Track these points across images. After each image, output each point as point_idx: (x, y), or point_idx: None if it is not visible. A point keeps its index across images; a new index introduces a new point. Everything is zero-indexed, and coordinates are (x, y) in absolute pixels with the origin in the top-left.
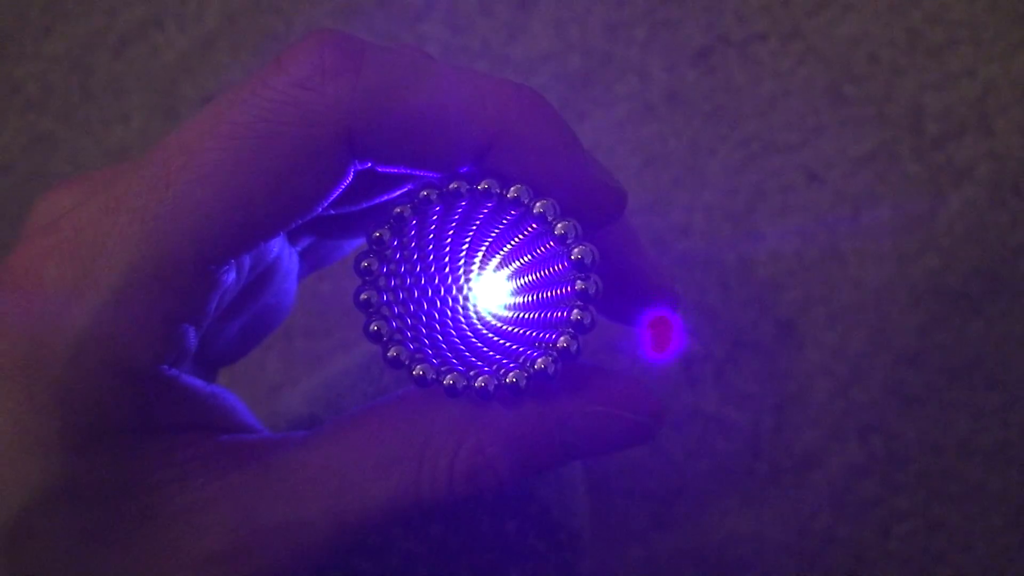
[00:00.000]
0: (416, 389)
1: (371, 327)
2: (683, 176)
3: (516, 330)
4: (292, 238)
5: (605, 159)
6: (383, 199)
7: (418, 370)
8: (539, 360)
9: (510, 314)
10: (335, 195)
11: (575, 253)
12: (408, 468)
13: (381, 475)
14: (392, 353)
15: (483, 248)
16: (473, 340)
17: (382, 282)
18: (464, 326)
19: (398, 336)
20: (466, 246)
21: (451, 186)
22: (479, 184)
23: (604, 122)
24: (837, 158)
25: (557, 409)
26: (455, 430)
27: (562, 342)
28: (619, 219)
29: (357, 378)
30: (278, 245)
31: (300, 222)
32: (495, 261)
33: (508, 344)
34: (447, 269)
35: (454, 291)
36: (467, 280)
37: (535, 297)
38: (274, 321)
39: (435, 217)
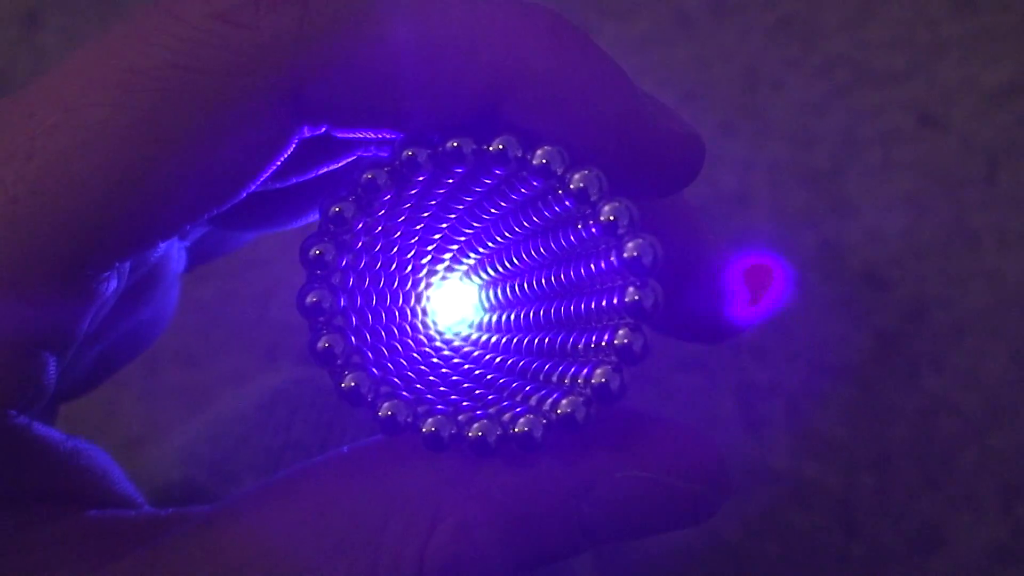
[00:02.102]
0: (380, 439)
1: (320, 343)
2: (735, 120)
3: (523, 358)
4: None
5: None
6: (325, 169)
7: (386, 409)
8: (564, 402)
9: (517, 335)
10: (269, 172)
11: (630, 248)
12: (360, 559)
13: (321, 569)
14: (349, 383)
15: (483, 239)
16: (464, 367)
17: (338, 279)
18: (450, 348)
19: (358, 358)
20: (461, 239)
21: (450, 144)
22: (491, 144)
23: (621, 41)
24: (963, 92)
25: (581, 473)
26: (430, 500)
27: (599, 376)
28: (687, 184)
29: (256, 426)
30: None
31: (217, 212)
32: (498, 257)
33: (511, 377)
34: (426, 268)
35: (429, 296)
36: (457, 283)
37: (557, 310)
38: (146, 340)
39: (416, 190)
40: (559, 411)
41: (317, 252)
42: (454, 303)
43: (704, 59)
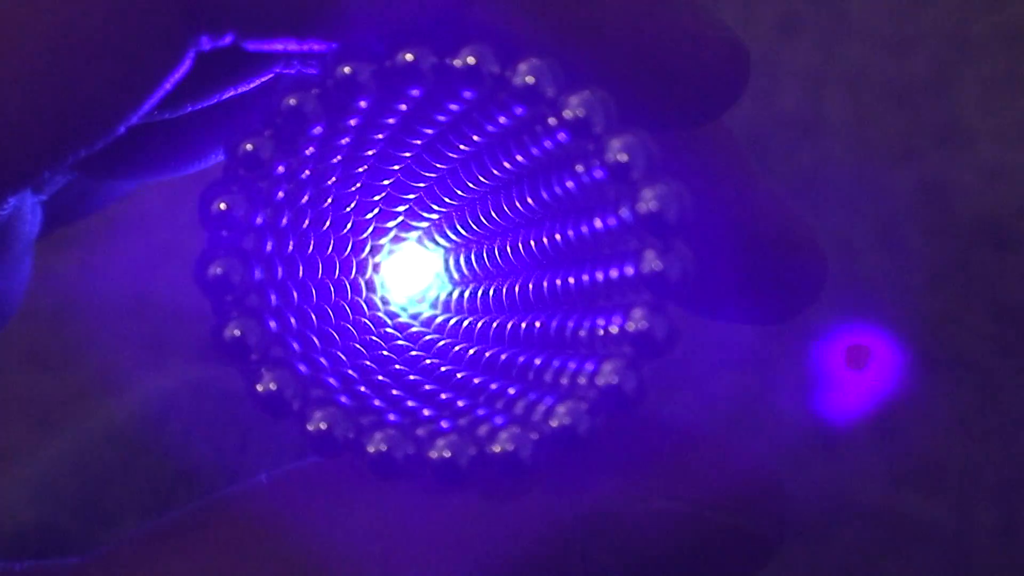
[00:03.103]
0: (311, 464)
1: (228, 330)
2: (801, 13)
3: (504, 350)
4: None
5: None
6: (232, 92)
7: (318, 421)
8: (561, 409)
9: (495, 318)
10: (155, 99)
11: (647, 199)
12: None
13: None
14: (267, 385)
15: (447, 189)
16: (425, 363)
17: (252, 243)
18: (405, 336)
19: (279, 350)
20: (419, 186)
21: (401, 57)
22: (457, 57)
23: None
24: None
25: (587, 507)
26: (378, 551)
27: (608, 373)
28: (724, 111)
29: (137, 449)
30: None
31: (86, 153)
32: (468, 212)
33: (489, 375)
34: (372, 226)
35: (376, 265)
36: (402, 246)
37: (550, 284)
38: None
39: (357, 121)
40: (554, 422)
41: (222, 206)
42: (410, 275)
43: None
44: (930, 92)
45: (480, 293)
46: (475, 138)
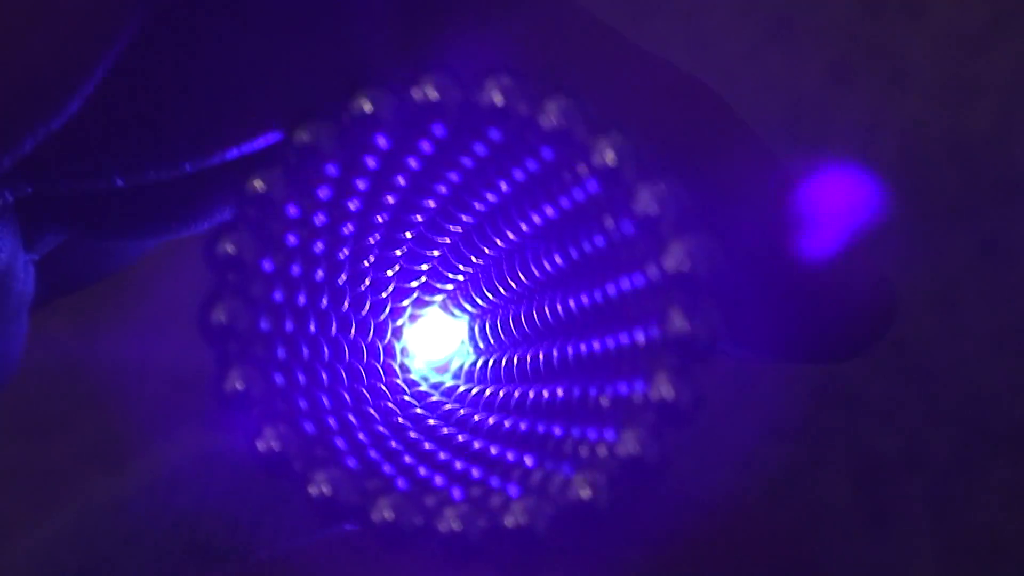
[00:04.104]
0: (332, 533)
1: (230, 381)
2: (854, 59)
3: (521, 419)
4: (30, 231)
5: None
6: (229, 155)
7: (321, 483)
8: (578, 480)
9: (512, 388)
10: (98, 75)
11: (675, 256)
12: None
13: None
14: (269, 444)
15: (467, 250)
16: (442, 432)
17: (260, 291)
18: (423, 405)
19: (283, 405)
20: (446, 243)
21: (424, 92)
22: (482, 92)
23: None
24: None
25: None
26: None
27: (628, 442)
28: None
29: (142, 519)
30: (6, 247)
31: (43, 132)
32: (485, 279)
33: (504, 446)
34: (392, 286)
35: (396, 329)
36: (421, 309)
37: (570, 351)
38: None
39: (374, 164)
40: (572, 495)
41: (229, 248)
42: (434, 342)
43: None
44: (990, 145)
45: (504, 362)
46: (502, 186)
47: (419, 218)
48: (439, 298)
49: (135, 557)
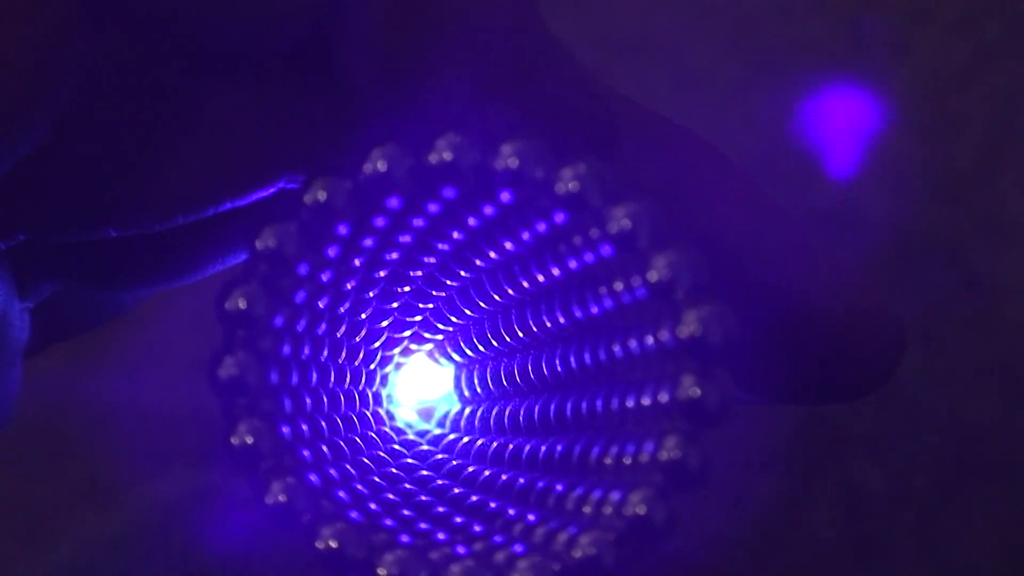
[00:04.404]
0: None
1: (239, 435)
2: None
3: (522, 474)
4: (24, 279)
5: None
6: (223, 208)
7: (329, 538)
8: (584, 540)
9: (511, 441)
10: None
11: (689, 323)
12: None
13: None
14: (277, 497)
15: (463, 303)
16: (437, 484)
17: (268, 345)
18: (413, 455)
19: (291, 460)
20: (441, 296)
21: (440, 154)
22: (498, 157)
23: None
24: None
25: None
26: None
27: (636, 503)
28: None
29: (136, 558)
30: (0, 295)
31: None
32: (488, 326)
33: (505, 501)
34: (384, 336)
35: (383, 376)
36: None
37: (574, 407)
38: None
39: (384, 223)
40: (578, 552)
41: (241, 303)
42: (418, 389)
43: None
44: (972, 181)
45: (494, 413)
46: (507, 246)
47: (419, 273)
48: (428, 347)
49: None
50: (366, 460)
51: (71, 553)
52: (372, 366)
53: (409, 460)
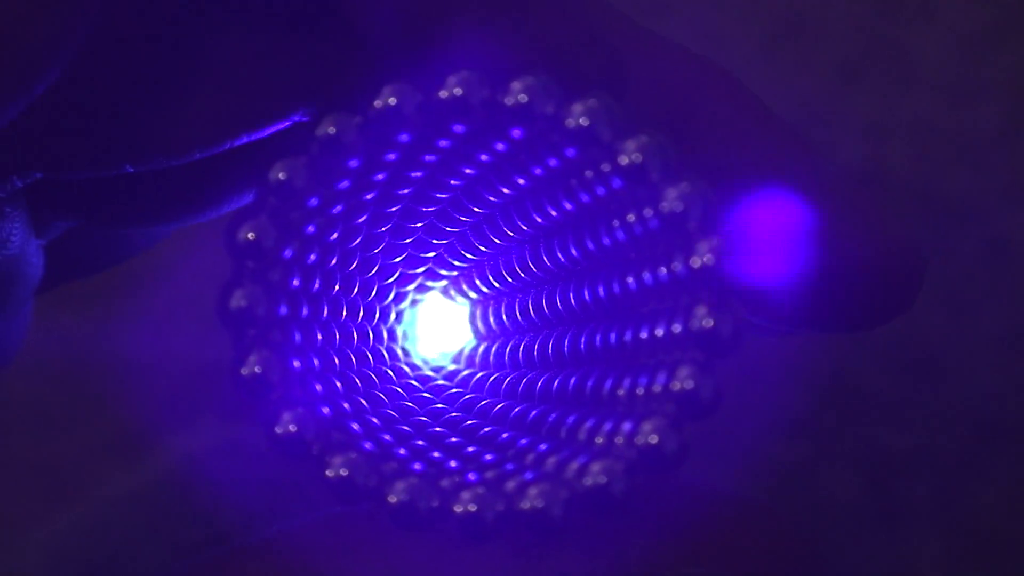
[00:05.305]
0: (336, 511)
1: (248, 366)
2: (862, 59)
3: (535, 407)
4: (40, 217)
5: None
6: (240, 142)
7: (339, 466)
8: (595, 468)
9: (524, 375)
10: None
11: (702, 254)
12: None
13: None
14: (286, 427)
15: (477, 239)
16: (450, 415)
17: (279, 277)
18: (428, 388)
19: (301, 391)
20: (454, 232)
21: (450, 90)
22: (509, 93)
23: None
24: None
25: (624, 572)
26: None
27: (648, 433)
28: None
29: (161, 514)
30: (18, 232)
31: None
32: (501, 263)
33: (517, 431)
34: (398, 272)
35: (399, 313)
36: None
37: (586, 340)
38: None
39: (395, 157)
40: (588, 480)
41: (250, 235)
42: (434, 326)
43: None
44: (996, 146)
45: (508, 348)
46: (519, 181)
47: (431, 208)
48: (442, 283)
49: (151, 550)
50: (380, 394)
51: (95, 509)
52: (387, 302)
53: (424, 394)
